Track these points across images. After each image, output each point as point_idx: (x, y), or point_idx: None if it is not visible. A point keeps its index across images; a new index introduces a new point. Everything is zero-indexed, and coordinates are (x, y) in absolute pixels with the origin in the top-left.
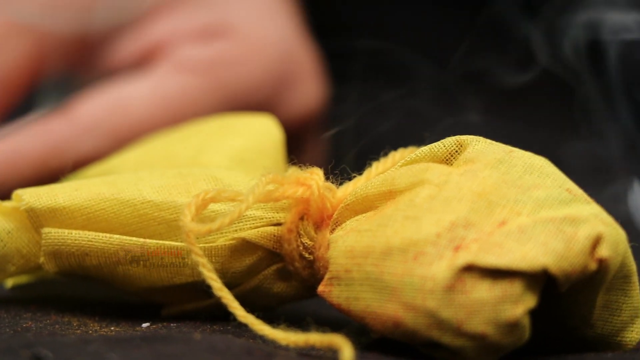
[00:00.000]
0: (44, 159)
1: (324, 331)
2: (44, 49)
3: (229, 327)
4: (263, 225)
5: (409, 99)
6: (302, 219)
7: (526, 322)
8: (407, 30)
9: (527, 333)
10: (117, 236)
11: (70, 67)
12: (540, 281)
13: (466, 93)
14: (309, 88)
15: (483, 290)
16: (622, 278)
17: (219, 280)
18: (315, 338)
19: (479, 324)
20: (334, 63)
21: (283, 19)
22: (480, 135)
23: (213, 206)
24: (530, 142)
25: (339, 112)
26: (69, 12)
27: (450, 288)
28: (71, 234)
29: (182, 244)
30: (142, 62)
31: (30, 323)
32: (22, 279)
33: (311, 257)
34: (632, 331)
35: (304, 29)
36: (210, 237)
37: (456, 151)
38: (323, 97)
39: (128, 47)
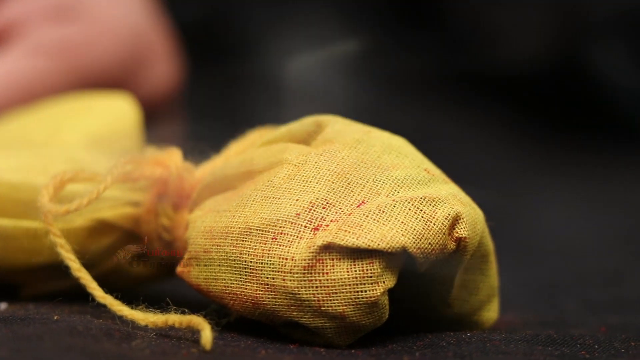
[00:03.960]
0: None
1: (183, 312)
2: None
3: (88, 308)
4: (121, 206)
5: (267, 76)
6: (160, 199)
7: (385, 301)
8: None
9: (386, 313)
10: None
11: None
12: (399, 261)
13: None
14: (162, 68)
15: (342, 271)
16: (480, 258)
17: (77, 261)
18: (174, 318)
19: (338, 304)
20: (191, 41)
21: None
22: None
23: (71, 187)
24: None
25: (195, 91)
26: None
27: (310, 268)
28: None
29: (40, 224)
30: None
31: None
32: None
33: (170, 238)
34: (489, 310)
35: (157, 9)
36: (68, 218)
37: (314, 131)
38: (178, 77)
39: None
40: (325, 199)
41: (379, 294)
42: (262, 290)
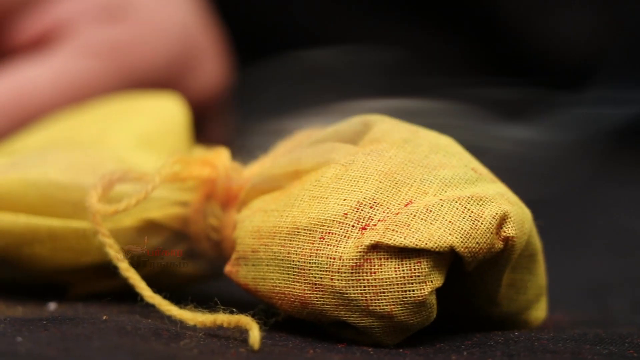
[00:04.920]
0: None
1: (231, 312)
2: None
3: (137, 308)
4: (170, 206)
5: (316, 79)
6: (208, 199)
7: (433, 301)
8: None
9: (434, 312)
10: (23, 217)
11: None
12: (447, 260)
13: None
14: (211, 68)
15: (390, 270)
16: (528, 257)
17: (125, 261)
18: (222, 318)
19: (386, 304)
20: (240, 41)
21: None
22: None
23: (120, 187)
24: None
25: (245, 91)
26: None
27: (358, 268)
28: None
29: (89, 224)
30: (44, 42)
31: None
32: None
33: (218, 238)
34: (537, 309)
35: (206, 10)
36: (116, 218)
37: (362, 131)
38: (227, 77)
39: (30, 26)
40: (373, 199)
41: (426, 293)
42: (310, 290)
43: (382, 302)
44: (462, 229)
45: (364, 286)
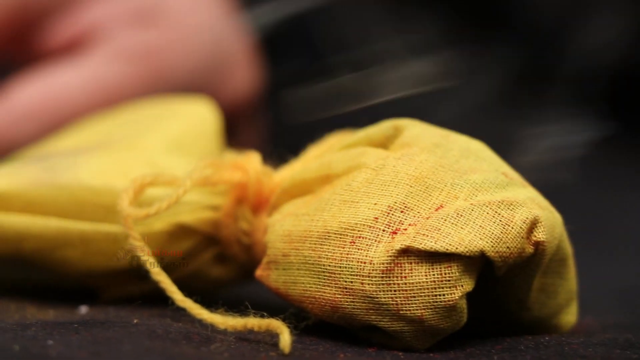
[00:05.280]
0: None
1: (262, 315)
2: None
3: (167, 312)
4: (201, 210)
5: (344, 82)
6: (239, 203)
7: (464, 305)
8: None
9: (464, 317)
10: (55, 221)
11: (3, 51)
12: (478, 265)
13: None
14: (242, 74)
15: (421, 274)
16: (559, 261)
17: (157, 265)
18: (253, 322)
19: (417, 308)
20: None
21: (214, 4)
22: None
23: (151, 191)
24: None
25: (276, 96)
26: None
27: (388, 272)
28: (8, 218)
29: (120, 228)
30: (77, 46)
31: None
32: None
33: (249, 242)
34: (568, 314)
35: (237, 14)
36: (148, 222)
37: (392, 135)
38: (257, 83)
39: (62, 30)
40: (404, 203)
41: (457, 297)
42: (340, 294)
43: (412, 307)
44: (492, 233)
45: (395, 290)
